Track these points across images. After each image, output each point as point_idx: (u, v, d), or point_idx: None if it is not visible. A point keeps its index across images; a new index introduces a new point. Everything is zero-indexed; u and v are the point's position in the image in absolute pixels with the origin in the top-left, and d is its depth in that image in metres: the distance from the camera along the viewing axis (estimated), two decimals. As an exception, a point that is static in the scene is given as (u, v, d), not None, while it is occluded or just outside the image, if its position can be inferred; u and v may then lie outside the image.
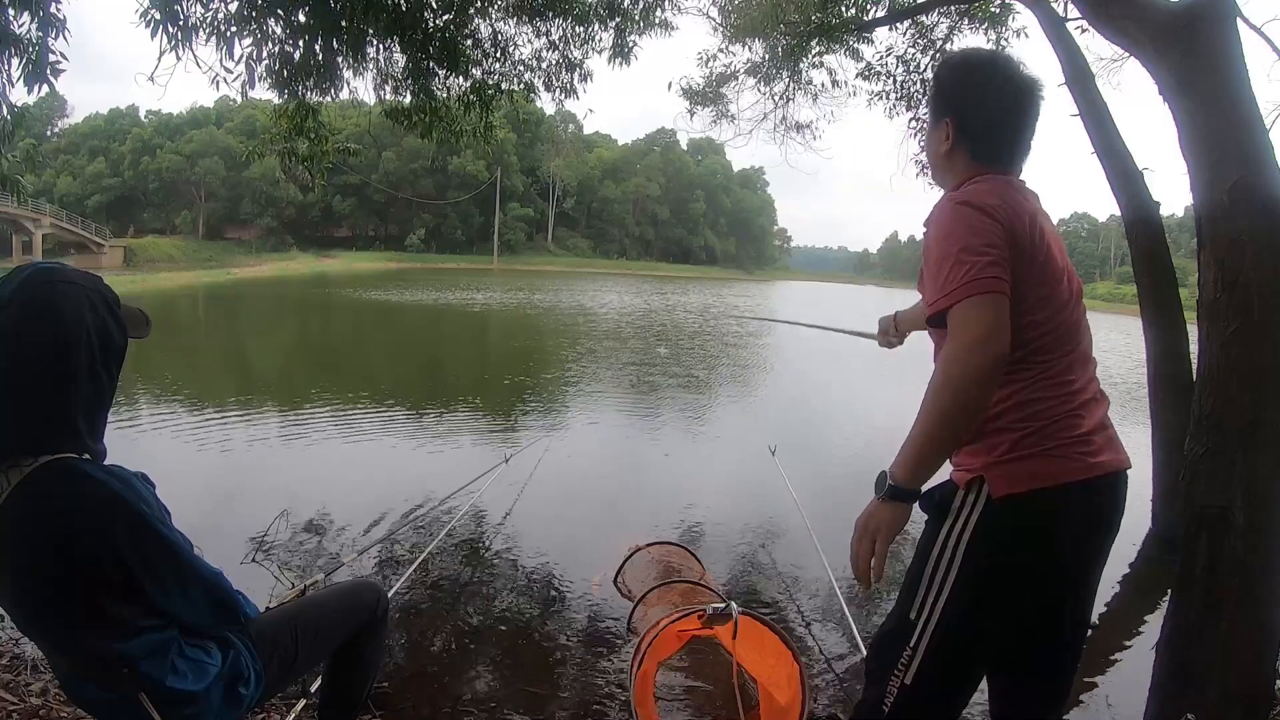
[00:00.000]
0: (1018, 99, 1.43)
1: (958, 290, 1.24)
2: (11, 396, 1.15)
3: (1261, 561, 1.86)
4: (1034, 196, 1.44)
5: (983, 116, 1.43)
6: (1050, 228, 1.42)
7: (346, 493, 5.06)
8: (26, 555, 1.18)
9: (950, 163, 1.47)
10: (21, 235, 39.29)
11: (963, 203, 1.33)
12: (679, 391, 10.64)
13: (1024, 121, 1.44)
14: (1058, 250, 1.41)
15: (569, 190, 71.30)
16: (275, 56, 4.69)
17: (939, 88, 1.52)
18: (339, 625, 1.76)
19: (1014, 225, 1.31)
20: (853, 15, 6.35)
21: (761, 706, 2.38)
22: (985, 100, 1.43)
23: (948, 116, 1.45)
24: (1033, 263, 1.33)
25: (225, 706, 1.45)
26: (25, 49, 3.43)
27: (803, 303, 40.62)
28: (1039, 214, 1.40)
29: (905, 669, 1.34)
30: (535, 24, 5.53)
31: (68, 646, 1.31)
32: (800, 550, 4.19)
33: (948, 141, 1.45)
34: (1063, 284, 1.39)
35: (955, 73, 1.50)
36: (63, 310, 1.17)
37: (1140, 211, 4.56)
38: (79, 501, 1.16)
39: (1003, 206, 1.32)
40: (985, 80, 1.44)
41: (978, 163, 1.42)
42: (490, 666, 2.99)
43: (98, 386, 1.23)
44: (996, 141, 1.43)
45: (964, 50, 1.55)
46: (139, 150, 58.50)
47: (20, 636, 2.69)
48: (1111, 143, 4.65)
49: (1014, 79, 1.42)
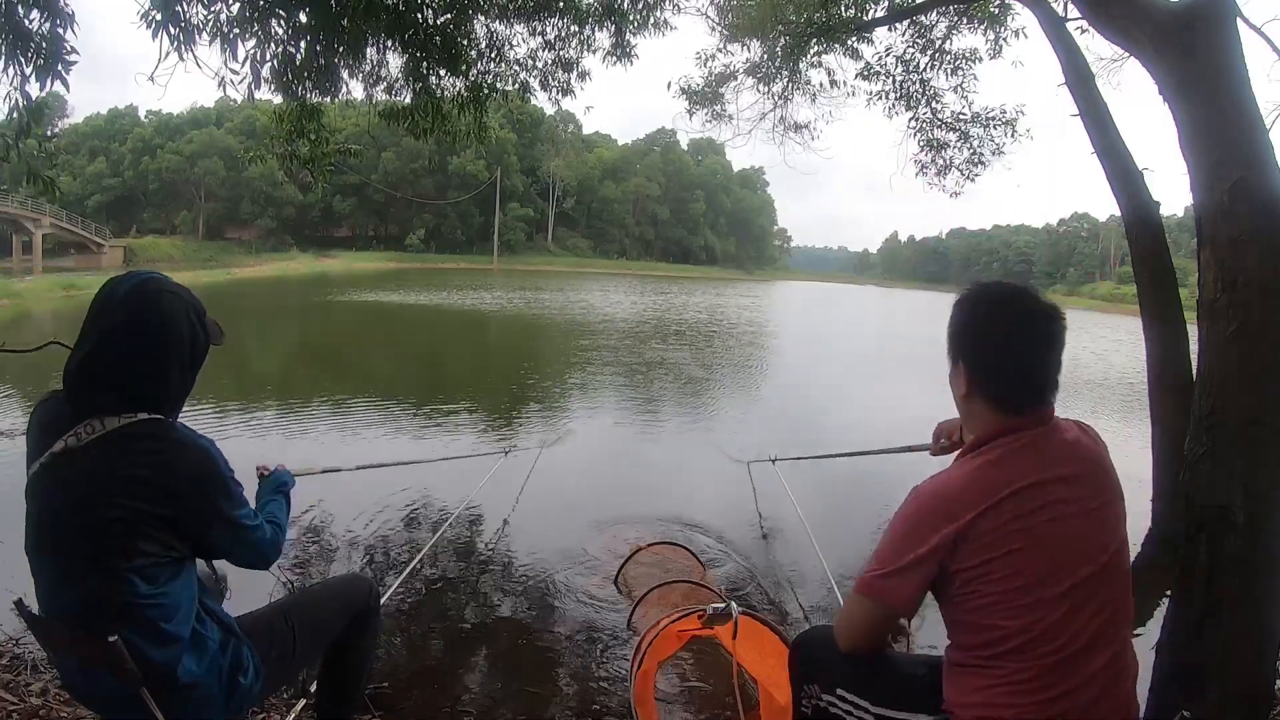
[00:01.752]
0: (1031, 337, 1.34)
1: (859, 580, 1.38)
2: (123, 368, 1.37)
3: (1261, 561, 1.85)
4: (1064, 454, 1.31)
5: (994, 360, 1.36)
6: (1080, 495, 1.28)
7: (346, 492, 5.06)
8: (107, 482, 1.32)
9: (969, 409, 1.40)
10: (21, 235, 39.30)
11: (920, 494, 1.33)
12: (680, 391, 10.64)
13: (1045, 360, 1.34)
14: (1078, 530, 1.26)
15: (569, 190, 71.30)
16: (277, 58, 4.69)
17: (952, 326, 1.42)
18: (333, 617, 1.79)
19: (977, 523, 1.24)
20: (852, 15, 6.35)
21: (761, 706, 2.38)
22: (995, 343, 1.35)
23: (961, 360, 1.39)
24: (1005, 561, 1.24)
25: (226, 697, 1.48)
26: (37, 44, 3.44)
27: (805, 303, 40.60)
28: (1056, 483, 1.27)
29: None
30: (531, 24, 5.53)
31: (91, 577, 1.36)
32: (800, 550, 4.19)
33: (964, 386, 1.39)
34: (1056, 576, 1.24)
35: (962, 312, 1.41)
36: (168, 312, 1.41)
37: (1140, 211, 4.56)
38: (178, 449, 1.38)
39: (969, 502, 1.25)
40: (993, 322, 1.36)
41: (998, 412, 1.34)
42: (490, 666, 2.99)
43: (183, 380, 1.45)
44: (1015, 391, 1.34)
45: (976, 287, 1.43)
46: (139, 150, 58.47)
47: (21, 636, 2.69)
48: (1111, 143, 4.65)
49: (1024, 314, 1.34)
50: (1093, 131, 4.72)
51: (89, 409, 1.36)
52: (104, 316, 1.39)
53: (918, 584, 1.30)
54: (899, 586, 1.31)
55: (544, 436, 6.93)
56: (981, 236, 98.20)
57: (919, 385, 12.07)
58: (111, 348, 1.37)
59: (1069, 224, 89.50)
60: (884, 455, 2.96)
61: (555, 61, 5.79)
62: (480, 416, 8.10)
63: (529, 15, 5.39)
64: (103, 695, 1.45)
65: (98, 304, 1.41)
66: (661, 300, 31.61)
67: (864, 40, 6.71)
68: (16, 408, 7.24)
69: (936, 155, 7.23)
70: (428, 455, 6.22)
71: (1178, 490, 2.01)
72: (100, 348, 1.37)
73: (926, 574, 1.29)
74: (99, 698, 1.48)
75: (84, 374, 1.37)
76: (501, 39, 5.60)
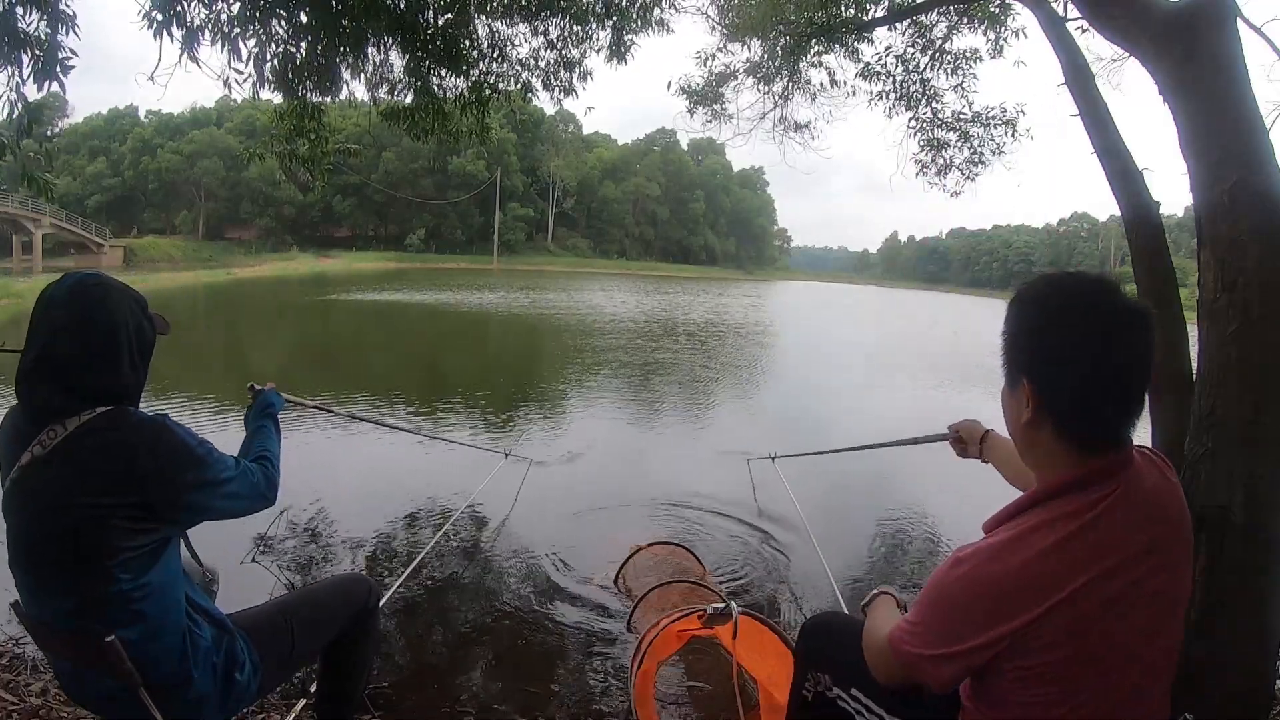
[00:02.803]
0: (1129, 349, 1.05)
1: (899, 643, 1.14)
2: (75, 367, 1.38)
3: (1261, 561, 1.85)
4: (1150, 515, 1.06)
5: (1078, 380, 1.05)
6: (1162, 563, 1.06)
7: (347, 492, 5.06)
8: (73, 484, 1.33)
9: (1033, 440, 1.11)
10: (21, 235, 39.27)
11: (973, 579, 1.05)
12: (681, 392, 10.64)
13: (1137, 379, 1.06)
14: (1156, 607, 1.06)
15: (569, 190, 71.31)
16: (278, 57, 4.68)
17: (1013, 332, 1.13)
18: (332, 616, 1.79)
19: (1042, 622, 1.01)
20: (852, 15, 6.35)
21: (761, 706, 2.38)
22: (1081, 358, 1.04)
23: (1025, 378, 1.09)
24: (1069, 661, 1.04)
25: (223, 694, 1.49)
26: (35, 46, 3.44)
27: (808, 304, 40.59)
28: (1141, 557, 1.04)
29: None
30: (533, 23, 5.52)
31: (69, 583, 1.36)
32: (800, 550, 4.19)
33: (1029, 411, 1.09)
34: (1126, 664, 1.06)
35: (1035, 316, 1.10)
36: (110, 304, 1.43)
37: (1140, 211, 4.54)
38: (133, 433, 1.38)
39: (1031, 599, 1.01)
40: (1077, 327, 1.05)
41: (1076, 450, 1.06)
42: (490, 666, 2.99)
43: (135, 372, 1.46)
44: (1098, 417, 1.06)
45: (1047, 279, 1.12)
46: (139, 150, 58.49)
47: (20, 636, 2.69)
48: (1111, 143, 4.63)
49: (1118, 316, 1.05)
50: (1093, 131, 4.69)
51: (46, 413, 1.36)
52: (48, 320, 1.40)
53: (956, 673, 1.11)
54: (936, 670, 1.10)
55: (548, 437, 6.94)
56: (981, 236, 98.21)
57: (918, 387, 12.09)
58: (61, 349, 1.38)
59: (1069, 224, 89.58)
60: (886, 450, 2.91)
61: (558, 61, 5.78)
62: (482, 416, 8.09)
63: (531, 15, 5.38)
64: (100, 696, 1.45)
65: (41, 306, 1.42)
66: (666, 300, 31.61)
67: (864, 40, 6.70)
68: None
69: (937, 155, 7.22)
70: (428, 455, 6.22)
71: (1177, 490, 2.00)
72: (48, 349, 1.38)
73: (969, 666, 1.09)
74: (96, 698, 1.48)
75: (35, 377, 1.38)
76: (503, 39, 5.60)
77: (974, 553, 1.08)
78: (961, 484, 6.00)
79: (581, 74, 5.88)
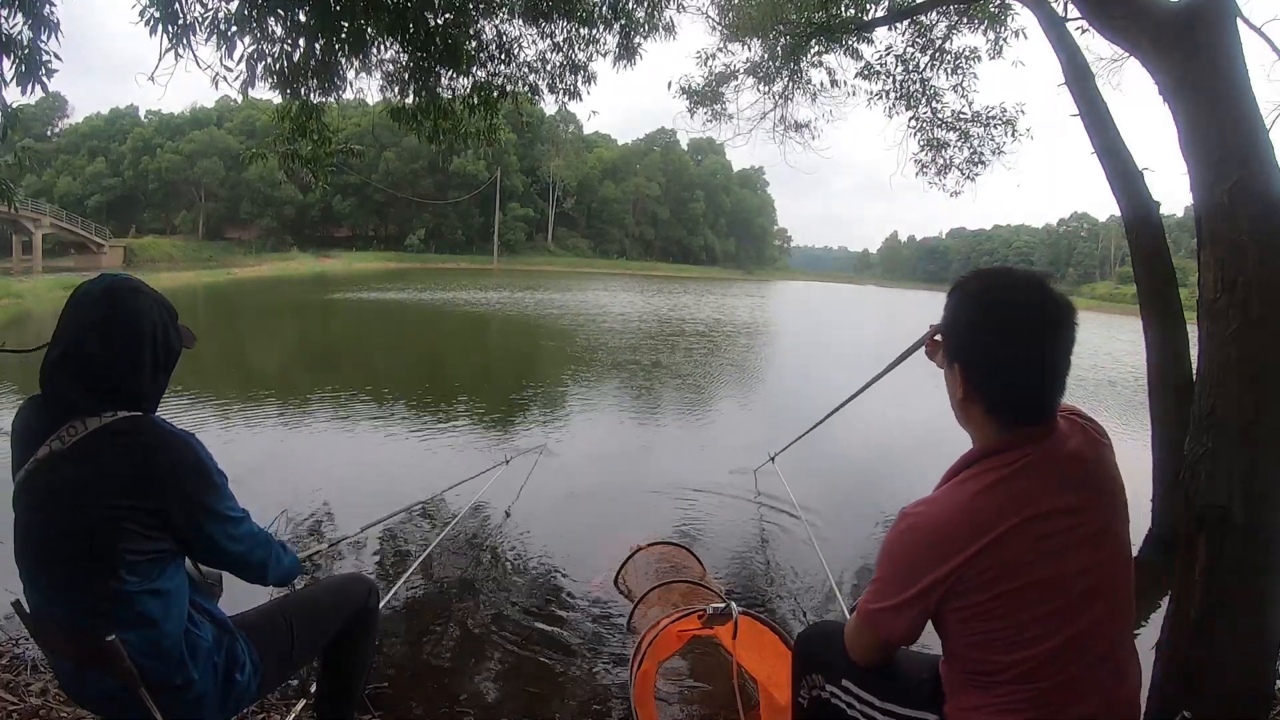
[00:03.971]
0: (1040, 339, 1.18)
1: (860, 606, 1.32)
2: (100, 366, 1.38)
3: (1261, 561, 1.85)
4: (1067, 477, 1.20)
5: (995, 366, 1.21)
6: (1083, 523, 1.19)
7: (347, 491, 5.06)
8: (92, 482, 1.33)
9: (967, 414, 1.27)
10: (21, 235, 39.29)
11: (912, 528, 1.22)
12: (682, 392, 10.64)
13: (1059, 370, 1.19)
14: (1080, 558, 1.18)
15: (569, 190, 71.31)
16: (276, 55, 4.68)
17: (946, 320, 1.28)
18: (331, 617, 1.80)
19: (971, 564, 1.16)
20: (852, 15, 6.35)
21: (762, 706, 2.38)
22: (997, 344, 1.20)
23: (957, 361, 1.26)
24: (1000, 600, 1.17)
25: (223, 694, 1.49)
26: (18, 50, 3.43)
27: (810, 305, 40.59)
28: (1057, 515, 1.17)
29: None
30: (540, 25, 5.52)
31: (79, 581, 1.36)
32: (800, 550, 4.19)
33: (960, 390, 1.26)
34: (1058, 609, 1.18)
35: (958, 304, 1.26)
36: (142, 311, 1.43)
37: (1140, 211, 4.56)
38: (158, 441, 1.38)
39: (961, 543, 1.16)
40: (995, 319, 1.20)
41: (998, 423, 1.22)
42: (490, 666, 2.99)
43: (155, 379, 1.46)
44: (1015, 400, 1.21)
45: (978, 275, 1.28)
46: (139, 150, 58.51)
47: (21, 636, 2.69)
48: (1111, 143, 4.65)
49: (1032, 309, 1.18)
50: (1093, 131, 4.71)
51: (68, 410, 1.36)
52: (79, 317, 1.40)
53: (913, 620, 1.24)
54: (894, 621, 1.25)
55: (548, 437, 6.94)
56: (981, 236, 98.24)
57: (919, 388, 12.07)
58: (88, 346, 1.38)
59: (1069, 224, 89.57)
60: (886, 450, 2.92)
61: (564, 64, 5.78)
62: (482, 416, 8.09)
63: (535, 17, 5.38)
64: (100, 695, 1.45)
65: (72, 305, 1.42)
66: (671, 300, 31.58)
67: (864, 40, 6.71)
68: (16, 408, 7.24)
69: (937, 155, 7.23)
70: (429, 455, 6.22)
71: (1178, 490, 2.01)
72: (76, 347, 1.39)
73: (923, 610, 1.23)
74: (96, 698, 1.48)
75: (61, 374, 1.39)
76: (510, 40, 5.60)
77: (914, 507, 1.24)
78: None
79: (586, 77, 5.89)
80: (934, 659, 1.43)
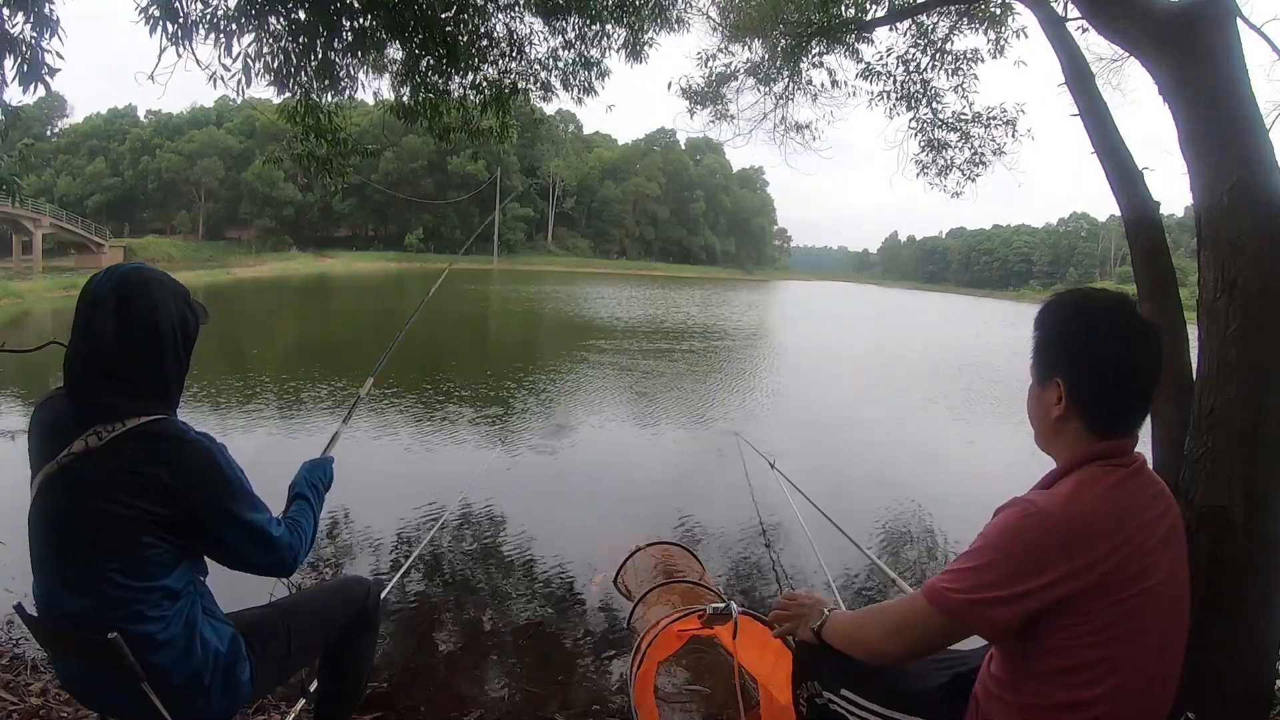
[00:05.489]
0: (1145, 351, 1.23)
1: (937, 594, 1.17)
2: (125, 363, 1.38)
3: (1261, 561, 1.85)
4: (1161, 506, 1.22)
5: (1105, 380, 1.22)
6: (1174, 555, 1.20)
7: (346, 492, 5.05)
8: (112, 488, 1.33)
9: (1060, 431, 1.25)
10: (21, 235, 39.29)
11: (1045, 513, 1.14)
12: (682, 392, 10.64)
13: (1150, 380, 1.24)
14: (1172, 589, 1.20)
15: (569, 190, 71.30)
16: (275, 54, 4.67)
17: (1048, 337, 1.28)
18: (331, 618, 1.80)
19: (1110, 557, 1.12)
20: (853, 15, 6.35)
21: (762, 706, 2.38)
22: (1109, 359, 1.21)
23: (1058, 376, 1.23)
24: (1123, 607, 1.13)
25: (223, 693, 1.50)
26: (19, 49, 3.42)
27: (822, 309, 40.57)
28: (1164, 539, 1.19)
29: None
30: (551, 22, 5.51)
31: (93, 576, 1.37)
32: (800, 551, 4.19)
33: (1059, 406, 1.23)
34: (1157, 639, 1.17)
35: (1070, 323, 1.26)
36: (153, 299, 1.42)
37: (1140, 211, 4.53)
38: (183, 449, 1.39)
39: (1104, 532, 1.13)
40: (1104, 332, 1.22)
41: (1095, 435, 1.22)
42: (490, 666, 2.99)
43: (179, 364, 1.47)
44: (1121, 410, 1.23)
45: (1077, 294, 1.30)
46: (139, 150, 58.54)
47: (21, 636, 2.69)
48: (1111, 142, 4.62)
49: (1136, 324, 1.23)
50: (1093, 131, 4.68)
51: (97, 410, 1.37)
52: (96, 313, 1.40)
53: (1019, 616, 1.13)
54: (998, 613, 1.13)
55: (548, 437, 6.94)
56: (981, 236, 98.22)
57: (919, 387, 12.09)
58: (110, 343, 1.38)
59: (1069, 224, 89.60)
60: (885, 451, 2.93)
61: (577, 60, 5.76)
62: (483, 417, 8.09)
63: (544, 13, 5.35)
64: (102, 692, 1.46)
65: (87, 301, 1.42)
66: (674, 300, 31.57)
67: (864, 40, 6.70)
68: (17, 408, 7.25)
69: (937, 155, 7.21)
70: (429, 455, 6.21)
71: (1178, 490, 2.00)
72: (99, 345, 1.38)
73: (1038, 606, 1.12)
74: (99, 695, 1.48)
75: (89, 373, 1.38)
76: (520, 37, 5.58)
77: (1036, 498, 1.17)
78: (960, 488, 6.02)
79: (600, 73, 5.87)
80: (955, 664, 1.38)
